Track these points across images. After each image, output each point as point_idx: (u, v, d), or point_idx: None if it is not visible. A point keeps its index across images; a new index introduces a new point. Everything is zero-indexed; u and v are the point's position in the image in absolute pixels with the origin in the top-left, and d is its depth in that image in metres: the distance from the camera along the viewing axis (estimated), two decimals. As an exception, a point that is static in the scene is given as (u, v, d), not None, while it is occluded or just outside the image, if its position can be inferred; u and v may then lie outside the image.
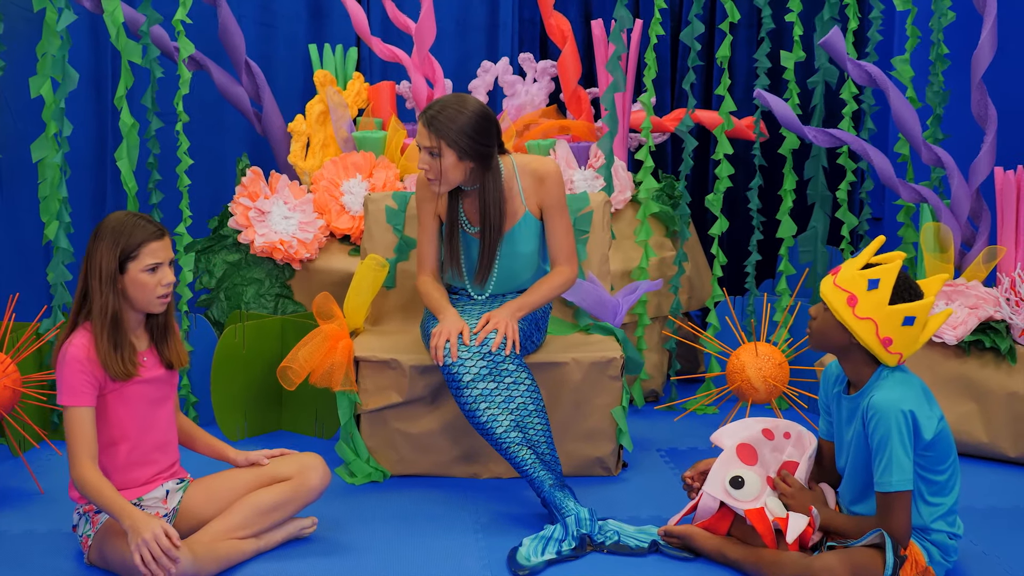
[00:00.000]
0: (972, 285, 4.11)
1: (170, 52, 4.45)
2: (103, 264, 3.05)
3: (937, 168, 4.48)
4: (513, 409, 3.51)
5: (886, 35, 4.98)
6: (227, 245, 4.47)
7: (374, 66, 5.33)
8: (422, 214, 3.83)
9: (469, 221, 3.77)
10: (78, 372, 3.04)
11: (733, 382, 4.22)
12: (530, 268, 3.83)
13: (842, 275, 3.05)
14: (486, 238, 3.71)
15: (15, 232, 4.99)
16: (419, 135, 3.62)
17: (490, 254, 3.73)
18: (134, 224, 3.07)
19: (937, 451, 3.04)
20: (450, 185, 3.67)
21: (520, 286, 3.84)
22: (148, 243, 3.07)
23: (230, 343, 4.14)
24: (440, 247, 3.84)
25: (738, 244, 5.41)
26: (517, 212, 3.76)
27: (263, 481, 3.29)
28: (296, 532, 3.34)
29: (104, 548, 3.11)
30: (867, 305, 3.00)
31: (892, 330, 3.00)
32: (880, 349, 3.02)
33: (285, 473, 3.30)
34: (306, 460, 3.33)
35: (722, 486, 3.23)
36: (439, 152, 3.59)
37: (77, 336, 3.08)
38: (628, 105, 4.72)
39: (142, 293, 3.08)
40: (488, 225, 3.70)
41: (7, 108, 4.79)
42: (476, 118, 3.60)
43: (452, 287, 3.89)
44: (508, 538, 3.39)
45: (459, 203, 3.77)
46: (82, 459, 3.03)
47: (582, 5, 5.54)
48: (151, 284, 3.08)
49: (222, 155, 5.21)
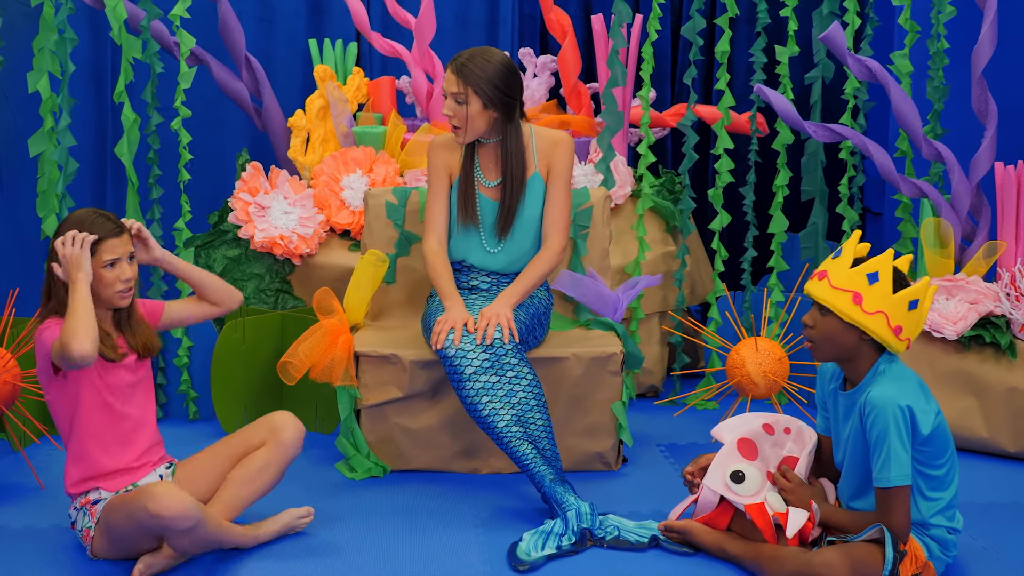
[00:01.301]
0: (972, 280, 4.11)
1: (170, 47, 4.44)
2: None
3: (937, 163, 4.48)
4: (515, 403, 3.52)
5: (886, 30, 4.98)
6: (227, 240, 4.47)
7: (374, 61, 5.33)
8: (433, 176, 3.88)
9: (484, 176, 3.82)
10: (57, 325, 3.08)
11: (733, 377, 4.22)
12: (533, 237, 3.85)
13: (837, 277, 3.04)
14: (508, 187, 3.78)
15: (15, 227, 4.99)
16: (447, 82, 3.70)
17: (512, 202, 3.78)
18: (92, 221, 3.13)
19: (934, 446, 3.04)
20: (475, 134, 3.74)
21: (524, 254, 3.85)
22: (106, 239, 3.12)
23: (230, 338, 4.14)
24: (450, 212, 3.87)
25: (738, 239, 5.40)
26: (528, 169, 3.82)
27: (242, 451, 3.32)
28: (293, 522, 3.35)
29: (108, 532, 3.12)
30: (874, 299, 3.00)
31: (901, 317, 3.01)
32: (892, 338, 3.03)
33: (258, 439, 3.32)
34: (275, 420, 3.35)
35: (722, 480, 3.23)
36: (466, 99, 3.68)
37: (49, 323, 3.12)
38: (629, 100, 4.72)
39: (103, 288, 3.14)
40: (510, 175, 3.78)
41: (6, 103, 4.79)
42: (503, 69, 3.70)
43: (457, 263, 3.88)
44: (508, 533, 3.40)
45: (475, 157, 3.83)
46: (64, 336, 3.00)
47: (582, 0, 5.54)
48: (110, 279, 3.14)
49: (222, 150, 5.21)
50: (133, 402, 3.22)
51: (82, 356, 2.97)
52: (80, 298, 3.03)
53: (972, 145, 4.30)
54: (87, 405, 3.14)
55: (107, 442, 3.17)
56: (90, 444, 3.16)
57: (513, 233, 3.83)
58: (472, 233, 3.84)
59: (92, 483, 3.17)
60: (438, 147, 3.88)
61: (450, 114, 3.72)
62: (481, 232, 3.84)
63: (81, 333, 2.97)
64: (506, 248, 3.84)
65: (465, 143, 3.79)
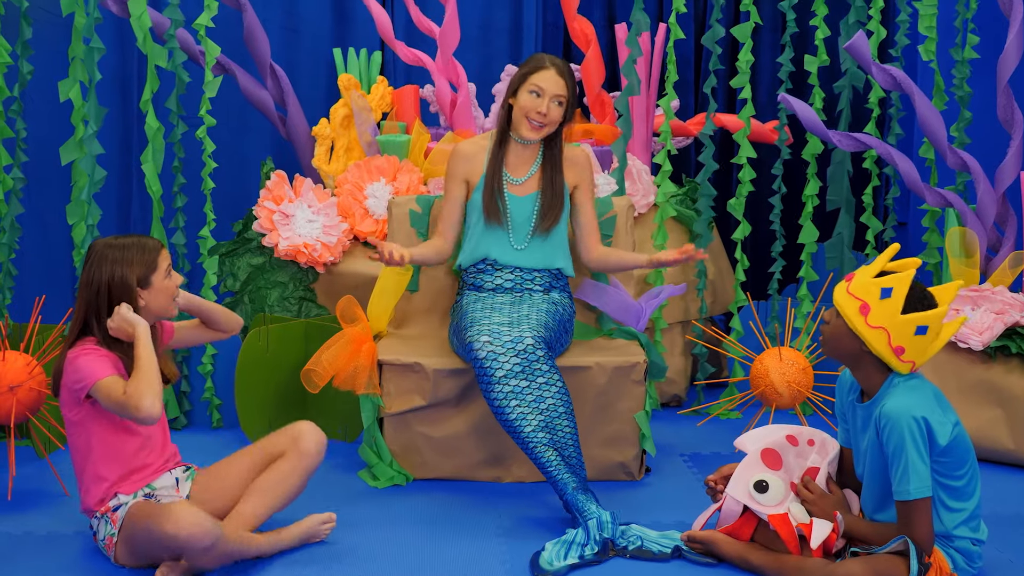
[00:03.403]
0: (998, 290, 4.09)
1: (196, 56, 4.47)
2: (123, 286, 3.13)
3: (963, 173, 4.45)
4: (543, 409, 3.51)
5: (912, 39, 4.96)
6: (251, 248, 4.48)
7: (398, 70, 5.34)
8: (449, 183, 3.92)
9: (511, 174, 3.87)
10: (97, 356, 3.10)
11: (757, 387, 4.20)
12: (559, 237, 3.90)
13: (855, 283, 3.03)
14: (553, 184, 3.86)
15: (41, 235, 5.02)
16: (550, 84, 3.77)
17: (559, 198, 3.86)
18: (138, 242, 3.18)
19: (954, 456, 3.02)
20: (548, 133, 3.85)
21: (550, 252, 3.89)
22: (159, 250, 3.19)
23: (254, 346, 4.16)
24: (462, 220, 3.93)
25: (762, 248, 5.39)
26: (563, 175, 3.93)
27: (263, 460, 3.33)
28: (315, 528, 3.35)
29: (129, 543, 3.13)
30: (880, 314, 2.98)
31: (905, 339, 2.98)
32: (892, 357, 3.00)
33: (280, 448, 3.34)
34: (296, 429, 3.36)
35: (746, 490, 3.21)
36: (563, 102, 3.81)
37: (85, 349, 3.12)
38: (652, 109, 4.72)
39: (165, 298, 3.20)
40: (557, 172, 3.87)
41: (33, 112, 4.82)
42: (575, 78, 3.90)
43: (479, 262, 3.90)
44: (531, 542, 3.39)
45: (503, 157, 3.87)
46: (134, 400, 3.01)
47: (606, 9, 5.54)
48: (171, 286, 3.21)
49: (246, 159, 5.23)
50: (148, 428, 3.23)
51: (151, 417, 3.02)
52: (147, 354, 3.06)
53: (998, 154, 4.28)
54: (103, 425, 3.16)
55: (122, 457, 3.18)
56: (107, 462, 3.17)
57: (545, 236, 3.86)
58: (496, 230, 3.85)
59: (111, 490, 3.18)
60: (460, 156, 3.92)
61: (544, 112, 3.77)
62: (509, 229, 3.85)
63: (151, 393, 3.01)
64: (532, 244, 3.85)
65: (538, 139, 3.85)
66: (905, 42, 4.72)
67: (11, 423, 3.70)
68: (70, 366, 3.11)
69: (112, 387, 3.05)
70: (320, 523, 3.37)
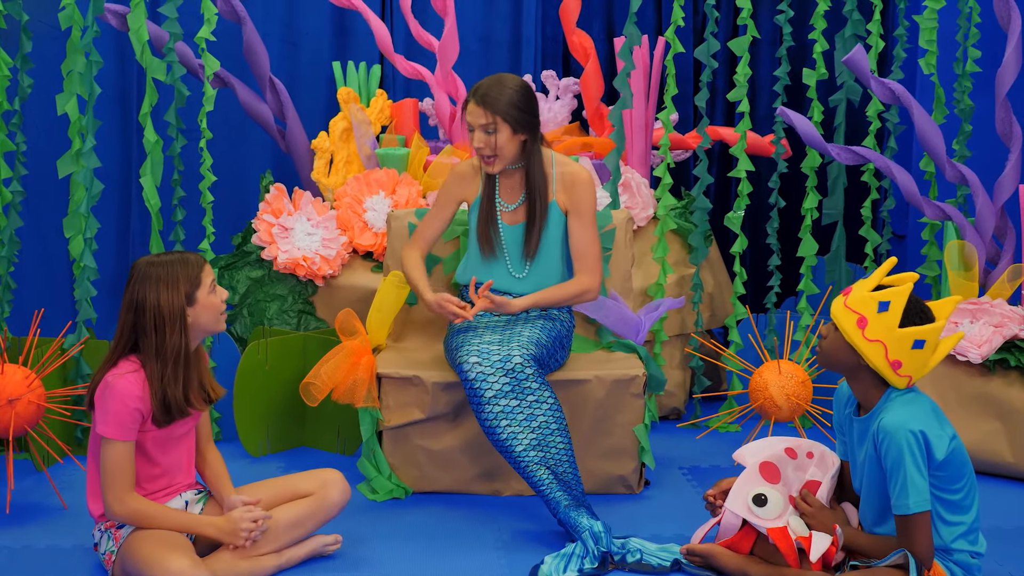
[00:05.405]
0: (997, 303, 4.09)
1: (195, 69, 4.47)
2: (170, 304, 3.08)
3: (962, 186, 4.46)
4: (535, 428, 3.51)
5: (910, 53, 4.97)
6: (250, 261, 4.49)
7: (397, 83, 5.35)
8: (441, 197, 3.90)
9: (505, 201, 3.83)
10: (131, 409, 3.07)
11: (756, 400, 4.20)
12: (558, 262, 3.84)
13: (853, 296, 3.03)
14: (534, 207, 3.78)
15: (40, 248, 5.02)
16: (472, 115, 3.69)
17: (539, 222, 3.78)
18: (181, 259, 3.13)
19: (951, 470, 3.01)
20: (505, 161, 3.74)
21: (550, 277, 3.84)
22: (203, 266, 3.15)
23: (253, 359, 4.15)
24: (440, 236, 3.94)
25: (760, 261, 5.39)
26: (549, 195, 3.82)
27: (284, 497, 3.31)
28: (319, 549, 3.35)
29: (127, 562, 3.12)
30: (877, 328, 2.98)
31: (902, 353, 2.98)
32: (889, 372, 3.00)
33: (305, 489, 3.32)
34: (326, 476, 3.35)
35: (745, 503, 3.21)
36: (495, 128, 3.68)
37: (126, 371, 3.09)
38: (651, 122, 4.72)
39: (212, 313, 3.15)
40: (537, 196, 3.78)
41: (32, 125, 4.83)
42: (522, 91, 3.72)
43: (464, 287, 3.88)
44: (530, 556, 3.39)
45: (495, 183, 3.84)
46: (123, 491, 3.08)
47: (605, 22, 5.55)
48: (217, 302, 3.17)
49: (246, 172, 5.24)
50: (173, 452, 3.22)
51: (107, 510, 3.10)
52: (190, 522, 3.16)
53: (996, 168, 4.28)
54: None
55: (136, 480, 3.16)
56: None
57: (539, 255, 3.83)
58: (495, 260, 3.84)
59: None
60: (456, 176, 3.90)
61: (481, 146, 3.70)
62: (507, 257, 3.84)
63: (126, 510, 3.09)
64: (532, 271, 3.84)
65: (497, 171, 3.77)
66: (903, 55, 4.72)
67: (10, 436, 3.70)
68: (108, 390, 3.07)
69: (118, 456, 3.06)
70: (324, 545, 3.36)
